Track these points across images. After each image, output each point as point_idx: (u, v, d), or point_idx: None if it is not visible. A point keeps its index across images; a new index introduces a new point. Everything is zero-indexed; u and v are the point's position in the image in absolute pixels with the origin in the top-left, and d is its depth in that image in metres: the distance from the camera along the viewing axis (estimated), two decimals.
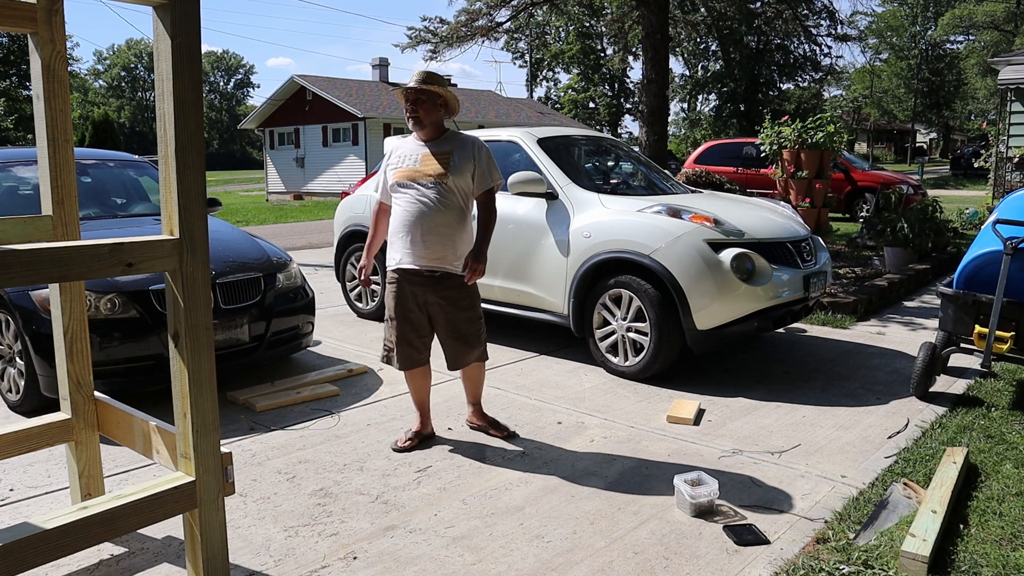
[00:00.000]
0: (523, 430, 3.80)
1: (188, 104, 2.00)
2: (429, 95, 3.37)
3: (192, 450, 2.10)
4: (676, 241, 4.41)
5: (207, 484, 2.14)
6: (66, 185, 2.54)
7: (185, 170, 2.02)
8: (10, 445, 2.54)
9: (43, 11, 2.42)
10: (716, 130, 38.66)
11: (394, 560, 2.58)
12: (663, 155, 9.93)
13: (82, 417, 2.66)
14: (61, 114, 2.50)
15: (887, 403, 4.20)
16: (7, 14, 2.35)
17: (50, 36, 2.45)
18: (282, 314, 4.52)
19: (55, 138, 2.49)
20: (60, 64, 2.48)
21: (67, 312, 2.58)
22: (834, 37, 14.56)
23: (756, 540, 2.68)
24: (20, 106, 31.86)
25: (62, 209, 2.55)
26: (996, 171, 12.98)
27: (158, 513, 2.10)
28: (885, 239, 7.98)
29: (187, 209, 2.03)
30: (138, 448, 2.50)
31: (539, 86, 50.93)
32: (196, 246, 2.06)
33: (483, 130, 5.90)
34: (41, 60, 2.44)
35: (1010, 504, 2.89)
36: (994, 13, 32.01)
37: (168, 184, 2.03)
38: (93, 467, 2.73)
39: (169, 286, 2.08)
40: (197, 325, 2.07)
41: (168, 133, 2.00)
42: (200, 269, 2.07)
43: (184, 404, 2.09)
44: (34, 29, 2.42)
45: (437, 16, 17.22)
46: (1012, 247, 3.82)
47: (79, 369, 2.63)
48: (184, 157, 2.01)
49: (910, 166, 37.63)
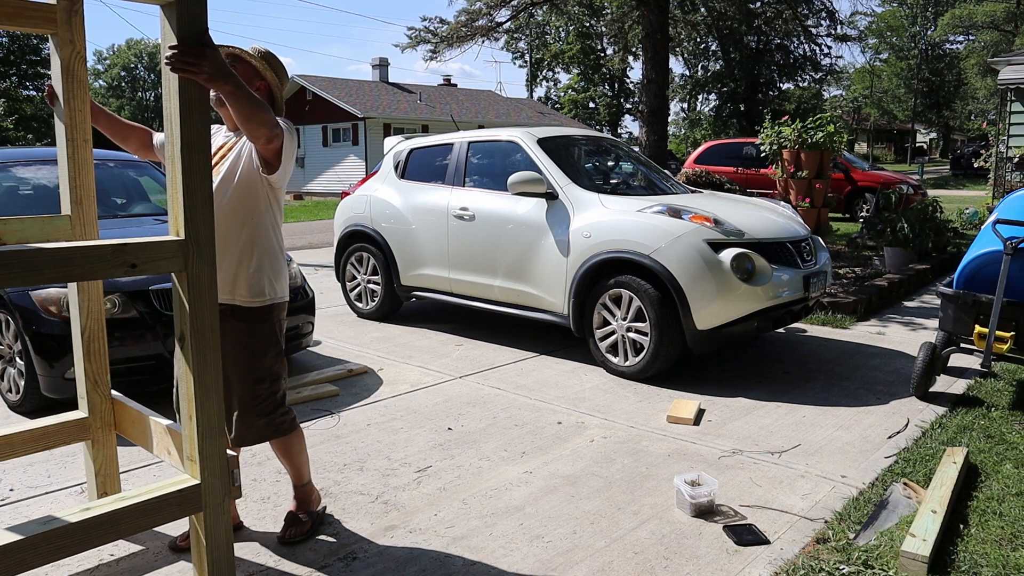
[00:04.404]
0: (523, 430, 3.80)
1: (195, 103, 1.98)
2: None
3: (198, 453, 2.09)
4: (676, 241, 4.41)
5: (213, 487, 2.12)
6: (84, 185, 2.55)
7: (192, 170, 1.99)
8: (27, 443, 2.55)
9: (63, 12, 2.43)
10: (716, 130, 38.67)
11: (394, 560, 2.58)
12: (663, 155, 9.93)
13: (99, 416, 2.67)
14: (80, 114, 2.52)
15: (887, 403, 4.20)
16: (27, 15, 2.36)
17: (70, 37, 2.46)
18: None
19: (74, 138, 2.51)
20: (79, 65, 2.49)
21: (85, 311, 2.59)
22: (834, 37, 14.59)
23: (756, 540, 2.68)
24: (20, 106, 31.85)
25: (80, 208, 2.56)
26: (996, 171, 12.98)
27: (163, 516, 2.08)
28: (885, 239, 7.98)
29: (193, 210, 2.01)
30: (152, 448, 2.49)
31: (539, 86, 50.97)
32: (202, 247, 2.03)
33: (483, 130, 5.91)
34: (61, 61, 2.46)
35: (1010, 504, 2.89)
36: (994, 13, 31.99)
37: (174, 185, 2.01)
38: (110, 466, 2.74)
39: (175, 288, 2.06)
40: (203, 327, 2.05)
41: (175, 133, 1.97)
42: (206, 271, 2.04)
43: (190, 407, 2.08)
44: (54, 30, 2.43)
45: (437, 16, 17.25)
46: (1012, 247, 3.82)
47: (96, 368, 2.64)
48: (191, 157, 1.98)
49: (910, 166, 37.65)
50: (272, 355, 2.60)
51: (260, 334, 2.56)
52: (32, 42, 35.93)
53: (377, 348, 5.41)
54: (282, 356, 2.66)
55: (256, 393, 2.56)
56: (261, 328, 2.56)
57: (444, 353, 5.29)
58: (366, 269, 6.28)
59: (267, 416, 2.59)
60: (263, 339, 2.57)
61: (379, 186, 6.19)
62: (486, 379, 4.68)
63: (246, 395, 2.55)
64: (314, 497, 2.86)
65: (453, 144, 5.82)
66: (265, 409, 2.58)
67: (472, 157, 5.73)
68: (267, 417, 2.59)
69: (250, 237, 2.52)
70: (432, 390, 4.47)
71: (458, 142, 5.79)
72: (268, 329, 2.58)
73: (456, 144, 5.79)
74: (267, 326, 2.57)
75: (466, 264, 5.43)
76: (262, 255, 2.54)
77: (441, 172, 5.80)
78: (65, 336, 3.78)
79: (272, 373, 2.59)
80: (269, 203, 2.56)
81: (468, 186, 5.57)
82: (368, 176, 6.64)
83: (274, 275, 2.59)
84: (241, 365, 2.53)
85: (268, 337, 2.58)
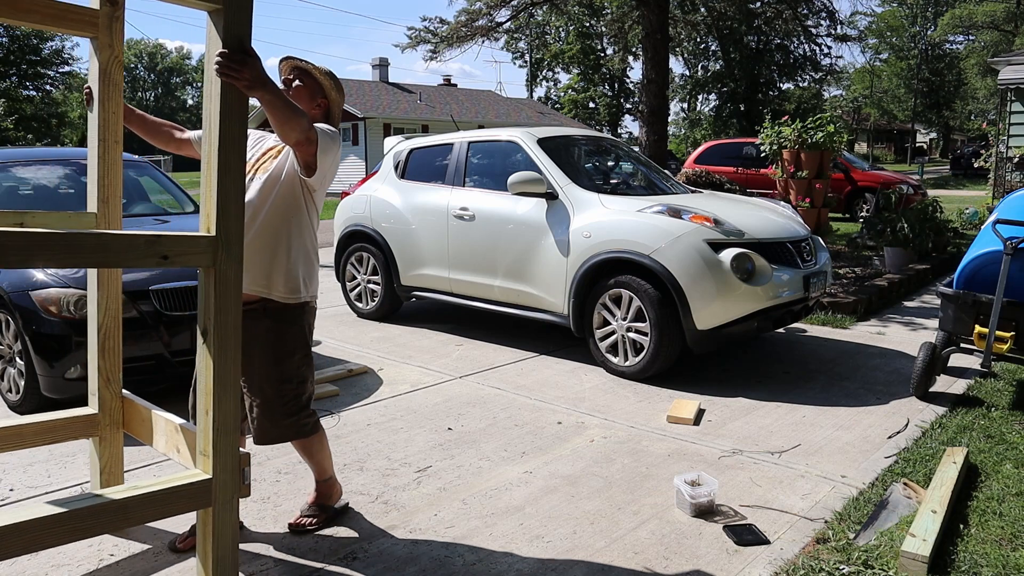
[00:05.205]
0: (523, 430, 3.81)
1: (234, 106, 2.05)
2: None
3: (211, 448, 2.12)
4: (676, 241, 4.41)
5: (224, 483, 2.15)
6: (112, 185, 2.61)
7: (227, 170, 2.05)
8: (36, 434, 2.58)
9: (105, 18, 2.51)
10: (716, 130, 38.66)
11: (394, 560, 2.58)
12: (663, 155, 9.93)
13: (108, 413, 2.69)
14: (113, 116, 2.58)
15: (887, 403, 4.20)
16: (71, 18, 2.43)
17: (109, 41, 2.53)
18: None
19: (105, 139, 2.57)
20: (116, 69, 2.57)
21: (103, 309, 2.63)
22: (834, 37, 14.59)
23: (756, 540, 2.68)
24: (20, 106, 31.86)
25: (107, 207, 2.62)
26: (996, 171, 12.98)
27: (173, 507, 2.11)
28: (885, 239, 7.98)
29: (225, 209, 2.06)
30: (159, 447, 2.52)
31: (539, 86, 50.98)
32: (231, 245, 2.08)
33: (483, 130, 5.91)
34: (99, 64, 2.53)
35: (1010, 504, 2.89)
36: (994, 13, 31.98)
37: (208, 183, 2.06)
38: (115, 464, 2.75)
39: (202, 283, 2.10)
40: (226, 323, 2.09)
41: (213, 134, 2.04)
42: (234, 268, 2.09)
43: (207, 401, 2.11)
44: (94, 34, 2.51)
45: (437, 16, 17.24)
46: (1012, 247, 3.82)
47: (110, 365, 2.67)
48: (226, 156, 2.05)
49: (910, 166, 37.63)
50: (300, 356, 2.65)
51: (290, 335, 2.61)
52: (32, 42, 35.91)
53: (377, 348, 5.41)
54: (310, 359, 2.71)
55: (282, 393, 2.60)
56: (291, 329, 2.62)
57: (444, 353, 5.29)
58: (366, 269, 6.28)
59: (292, 416, 2.64)
60: (292, 340, 2.62)
61: (379, 186, 6.19)
62: (486, 379, 4.68)
63: (273, 394, 2.59)
64: (335, 491, 2.91)
65: (453, 144, 5.82)
66: (290, 409, 2.63)
67: (472, 157, 5.73)
68: (292, 417, 2.64)
69: (290, 234, 2.59)
70: (432, 390, 4.47)
71: (458, 142, 5.79)
72: (298, 331, 2.63)
73: (456, 144, 5.79)
74: (297, 328, 2.63)
75: (466, 264, 5.43)
76: (299, 253, 2.62)
77: (441, 172, 5.80)
78: (65, 336, 3.78)
79: (299, 375, 2.64)
80: (306, 205, 2.64)
81: (468, 186, 5.57)
82: (368, 176, 6.64)
83: (308, 275, 2.66)
84: (269, 364, 2.58)
85: (297, 338, 2.63)
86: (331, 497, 2.89)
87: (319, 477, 2.86)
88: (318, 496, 2.87)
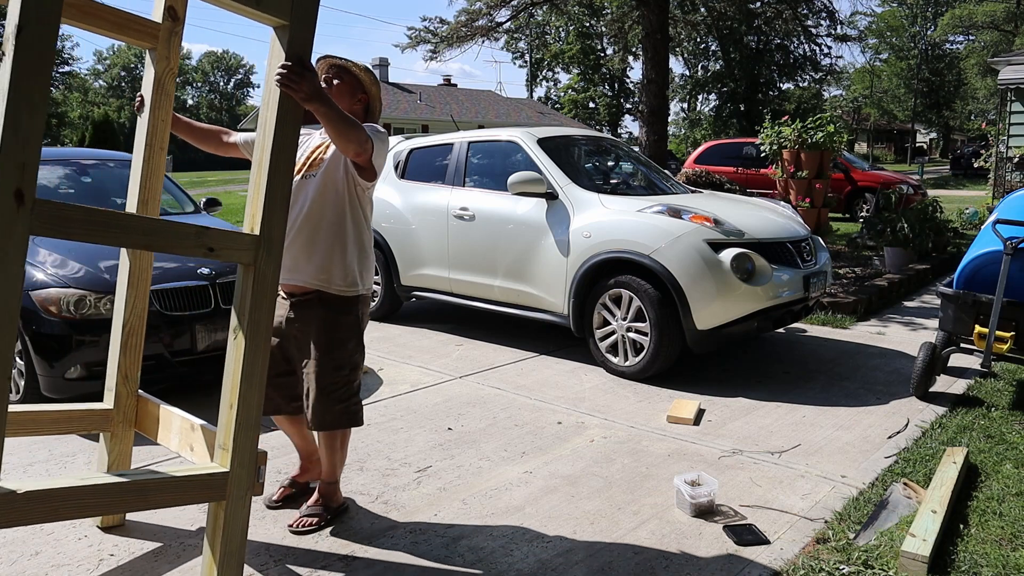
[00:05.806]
0: (523, 430, 3.81)
1: (289, 115, 2.18)
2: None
3: (232, 442, 2.15)
4: (676, 241, 4.41)
5: (239, 478, 2.18)
6: (152, 188, 2.70)
7: (276, 173, 2.16)
8: (51, 423, 2.61)
9: (165, 31, 2.61)
10: (716, 130, 38.66)
11: (394, 560, 2.58)
12: (663, 155, 9.93)
13: (122, 410, 2.72)
14: (162, 124, 2.68)
15: (887, 403, 4.20)
16: (134, 28, 2.54)
17: (166, 54, 2.63)
18: None
19: (151, 144, 2.67)
20: (170, 80, 2.67)
21: (130, 306, 2.69)
22: (834, 37, 14.60)
23: (756, 540, 2.68)
24: None
25: (145, 209, 2.69)
26: (996, 171, 12.98)
27: (188, 496, 2.15)
28: (885, 239, 7.98)
29: (271, 209, 2.16)
30: (172, 445, 2.57)
31: (539, 86, 51.00)
32: (273, 246, 2.18)
33: (483, 130, 5.91)
34: (155, 74, 2.63)
35: (1010, 504, 2.89)
36: (994, 13, 31.97)
37: (257, 185, 2.16)
38: (123, 461, 2.77)
39: (240, 279, 2.18)
40: (259, 321, 2.16)
41: (267, 138, 2.16)
42: (272, 268, 2.18)
43: (232, 395, 2.15)
44: (153, 45, 2.61)
45: (437, 16, 17.24)
46: (1012, 247, 3.82)
47: (129, 363, 2.71)
48: (277, 159, 2.15)
49: (910, 166, 37.61)
50: (353, 344, 2.75)
51: (345, 324, 2.72)
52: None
53: (377, 348, 5.41)
54: (362, 347, 2.82)
55: (335, 379, 2.69)
56: (347, 319, 2.72)
57: (444, 353, 5.29)
58: None
59: (344, 402, 2.72)
60: (347, 328, 2.72)
61: (379, 186, 6.18)
62: (486, 379, 4.68)
63: (326, 381, 2.68)
64: (337, 496, 2.93)
65: (453, 144, 5.82)
66: (343, 396, 2.71)
67: (472, 157, 5.73)
68: (344, 403, 2.72)
69: (348, 230, 2.69)
70: (432, 390, 4.47)
71: (458, 142, 5.79)
72: (353, 320, 2.75)
73: (456, 144, 5.79)
74: (352, 317, 2.74)
75: (466, 264, 5.43)
76: (356, 247, 2.72)
77: (441, 172, 5.80)
78: (65, 336, 3.79)
79: (352, 362, 2.74)
80: (360, 200, 2.73)
81: (468, 186, 5.57)
82: None
83: (364, 268, 2.77)
84: (324, 351, 2.67)
85: (352, 327, 2.75)
86: (332, 499, 2.90)
87: (327, 478, 2.88)
88: (320, 498, 2.88)
